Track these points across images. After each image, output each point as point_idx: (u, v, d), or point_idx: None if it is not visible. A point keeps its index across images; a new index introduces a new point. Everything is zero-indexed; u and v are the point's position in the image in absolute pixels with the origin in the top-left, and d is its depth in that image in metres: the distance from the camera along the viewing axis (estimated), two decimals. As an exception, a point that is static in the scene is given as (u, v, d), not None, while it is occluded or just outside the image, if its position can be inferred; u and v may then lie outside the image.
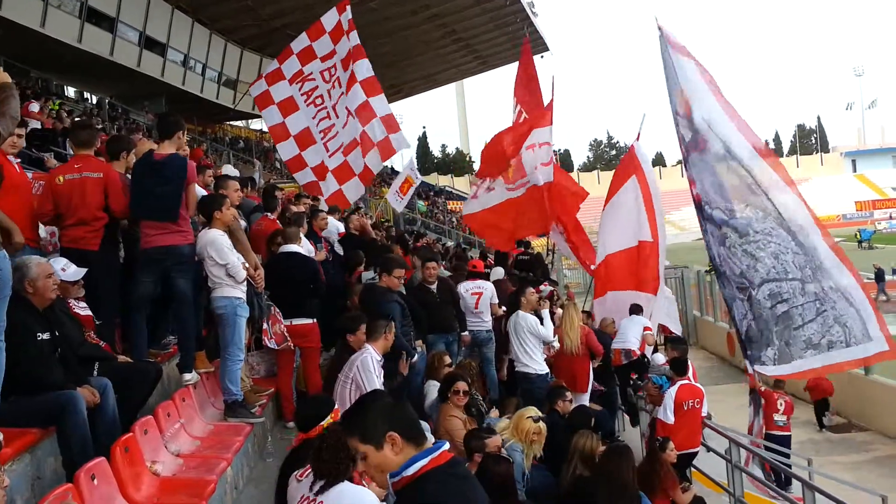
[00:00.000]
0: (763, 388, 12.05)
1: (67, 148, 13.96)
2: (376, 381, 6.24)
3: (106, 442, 4.57)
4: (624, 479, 5.87)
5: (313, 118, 9.42)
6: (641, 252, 12.34)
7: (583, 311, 12.30)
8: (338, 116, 9.30)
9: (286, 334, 7.45)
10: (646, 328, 11.61)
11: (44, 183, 6.29)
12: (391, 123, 9.14)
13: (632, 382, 11.40)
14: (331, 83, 9.38)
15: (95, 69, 32.42)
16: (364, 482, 3.66)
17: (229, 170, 15.31)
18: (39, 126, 16.37)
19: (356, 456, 3.56)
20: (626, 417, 12.08)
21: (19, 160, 6.30)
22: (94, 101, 36.22)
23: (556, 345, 10.06)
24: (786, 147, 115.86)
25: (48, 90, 29.42)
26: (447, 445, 2.80)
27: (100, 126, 21.84)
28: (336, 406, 4.56)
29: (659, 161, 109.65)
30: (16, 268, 4.55)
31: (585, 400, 9.65)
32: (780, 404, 12.70)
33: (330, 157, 9.29)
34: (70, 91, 37.66)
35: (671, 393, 8.98)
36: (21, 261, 4.75)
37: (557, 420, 7.58)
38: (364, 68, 9.19)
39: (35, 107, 18.33)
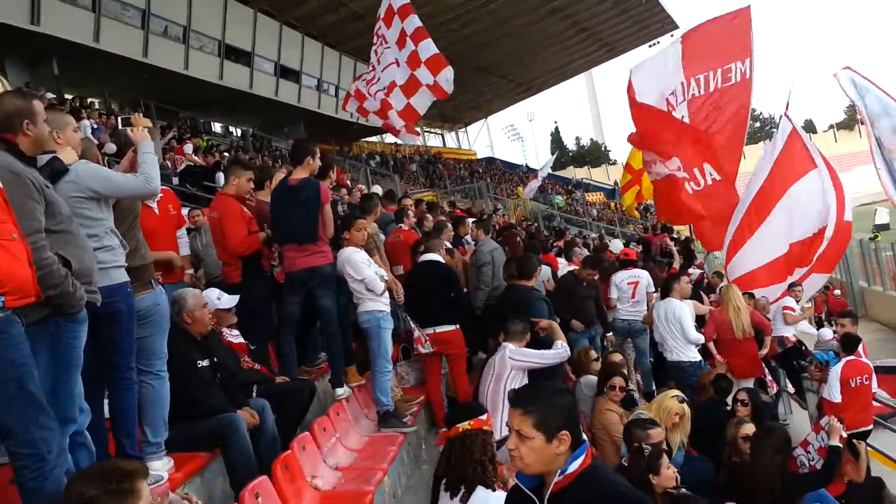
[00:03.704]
0: None
1: (217, 181, 14.77)
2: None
3: (267, 460, 4.75)
4: (764, 461, 5.67)
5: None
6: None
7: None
8: (379, 63, 9.79)
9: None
10: (784, 307, 11.09)
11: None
12: (439, 63, 9.07)
13: (796, 364, 10.83)
14: (378, 42, 9.99)
15: (237, 103, 34.09)
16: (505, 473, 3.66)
17: (376, 189, 15.75)
18: (192, 164, 17.47)
19: (484, 460, 3.57)
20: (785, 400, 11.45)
21: (160, 197, 6.37)
22: (239, 134, 38.11)
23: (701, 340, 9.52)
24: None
25: (196, 128, 31.19)
26: (587, 443, 2.81)
27: (248, 157, 23.07)
28: (486, 414, 4.55)
29: (809, 128, 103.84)
30: (173, 301, 4.88)
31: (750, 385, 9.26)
32: None
33: (373, 95, 9.71)
34: (216, 127, 39.77)
35: (836, 370, 8.46)
36: (178, 294, 5.08)
37: (721, 409, 7.36)
38: (413, 21, 9.34)
39: (189, 147, 19.59)
